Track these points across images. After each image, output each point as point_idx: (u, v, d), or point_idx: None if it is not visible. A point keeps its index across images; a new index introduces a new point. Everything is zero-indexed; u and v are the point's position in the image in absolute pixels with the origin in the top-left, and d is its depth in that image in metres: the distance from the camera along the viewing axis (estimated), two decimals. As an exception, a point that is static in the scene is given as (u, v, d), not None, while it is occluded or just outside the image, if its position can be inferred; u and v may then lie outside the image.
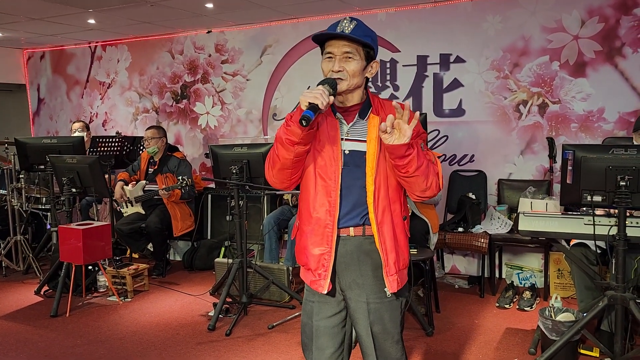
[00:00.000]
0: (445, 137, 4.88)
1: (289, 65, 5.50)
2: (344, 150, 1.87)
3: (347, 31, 1.79)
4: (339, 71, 1.80)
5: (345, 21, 1.81)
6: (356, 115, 1.89)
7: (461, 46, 4.76)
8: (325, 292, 1.89)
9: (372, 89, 5.06)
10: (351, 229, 1.88)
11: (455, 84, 4.81)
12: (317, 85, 1.76)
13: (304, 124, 1.68)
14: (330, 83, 1.77)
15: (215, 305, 3.93)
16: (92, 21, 5.40)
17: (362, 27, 1.82)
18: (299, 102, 1.73)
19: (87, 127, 5.85)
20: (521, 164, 4.65)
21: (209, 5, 4.85)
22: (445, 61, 4.83)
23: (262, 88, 5.65)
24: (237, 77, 5.78)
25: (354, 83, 1.83)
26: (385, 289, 1.89)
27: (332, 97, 1.74)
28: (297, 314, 3.91)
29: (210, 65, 5.90)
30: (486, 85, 4.69)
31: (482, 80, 4.71)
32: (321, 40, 1.87)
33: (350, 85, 1.83)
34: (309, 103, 1.69)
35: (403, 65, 4.99)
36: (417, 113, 1.73)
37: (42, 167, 4.83)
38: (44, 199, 5.32)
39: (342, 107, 1.90)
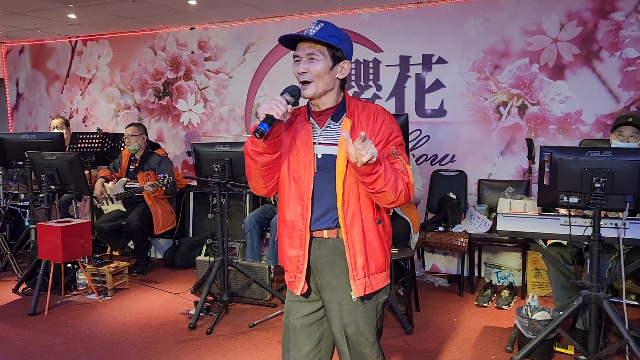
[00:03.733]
0: (426, 137, 4.92)
1: (272, 63, 5.49)
2: (317, 155, 1.88)
3: (311, 33, 1.82)
4: (304, 72, 1.83)
5: (312, 24, 1.85)
6: (328, 119, 1.90)
7: (443, 47, 4.80)
8: (299, 293, 1.92)
9: (356, 89, 5.09)
10: (325, 231, 1.89)
11: (437, 85, 4.86)
12: (281, 94, 1.78)
13: (257, 137, 1.73)
14: (292, 91, 1.80)
15: (196, 303, 3.92)
16: (72, 16, 5.33)
17: (328, 28, 1.84)
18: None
19: (66, 123, 5.77)
20: (501, 165, 4.71)
21: (192, 2, 4.82)
22: (427, 62, 4.87)
23: (245, 86, 5.63)
24: (220, 74, 5.76)
25: (322, 85, 1.84)
26: (351, 293, 1.87)
27: (290, 107, 1.76)
28: (278, 312, 3.92)
29: (193, 62, 5.87)
30: (467, 87, 4.75)
31: (463, 81, 4.76)
32: (293, 46, 1.90)
33: (318, 88, 1.84)
34: (266, 115, 1.73)
35: (386, 65, 5.02)
36: (363, 133, 1.64)
37: (21, 163, 4.76)
38: (23, 195, 5.24)
39: (317, 111, 1.91)
